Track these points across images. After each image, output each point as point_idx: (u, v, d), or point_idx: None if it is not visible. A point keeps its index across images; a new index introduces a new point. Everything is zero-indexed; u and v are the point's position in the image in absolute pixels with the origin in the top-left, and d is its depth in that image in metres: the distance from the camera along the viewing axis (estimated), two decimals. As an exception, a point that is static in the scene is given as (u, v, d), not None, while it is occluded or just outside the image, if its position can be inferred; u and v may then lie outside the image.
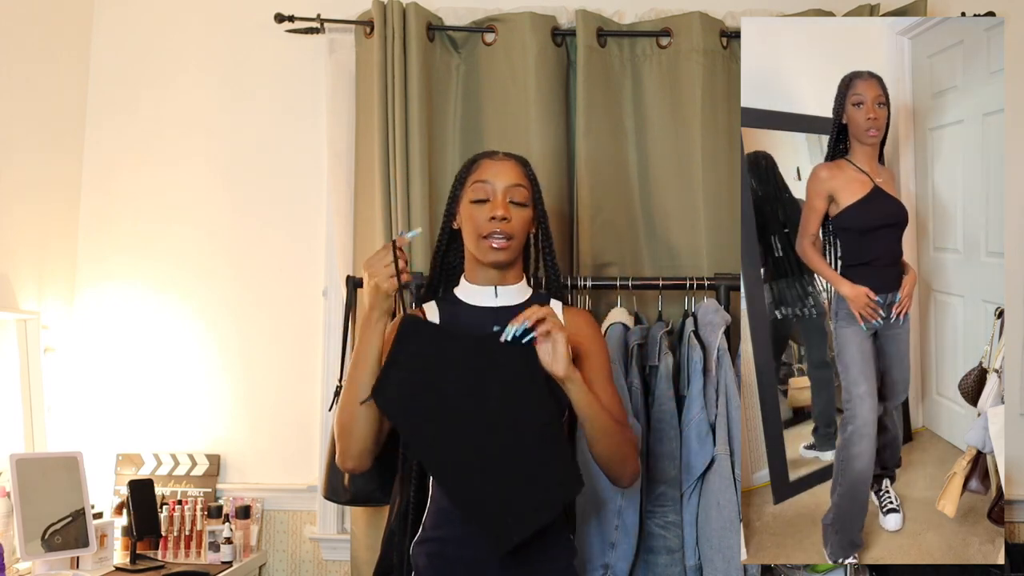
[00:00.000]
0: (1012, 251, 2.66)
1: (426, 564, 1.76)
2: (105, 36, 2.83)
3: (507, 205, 1.78)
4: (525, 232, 1.82)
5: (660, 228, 2.66)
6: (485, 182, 1.80)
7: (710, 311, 2.34)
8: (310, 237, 2.79)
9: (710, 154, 2.62)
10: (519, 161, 1.86)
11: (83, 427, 2.70)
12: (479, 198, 1.79)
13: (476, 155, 1.88)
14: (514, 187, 1.79)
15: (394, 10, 2.59)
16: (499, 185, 1.79)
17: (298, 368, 2.76)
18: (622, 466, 1.76)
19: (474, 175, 1.82)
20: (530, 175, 1.86)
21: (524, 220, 1.80)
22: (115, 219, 2.80)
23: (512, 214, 1.78)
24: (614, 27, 2.70)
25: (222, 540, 2.52)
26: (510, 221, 1.77)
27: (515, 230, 1.78)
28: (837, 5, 2.71)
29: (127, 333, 2.77)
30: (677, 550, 2.24)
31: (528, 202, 1.82)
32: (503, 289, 1.83)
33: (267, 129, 2.81)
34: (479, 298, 1.83)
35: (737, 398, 2.27)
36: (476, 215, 1.78)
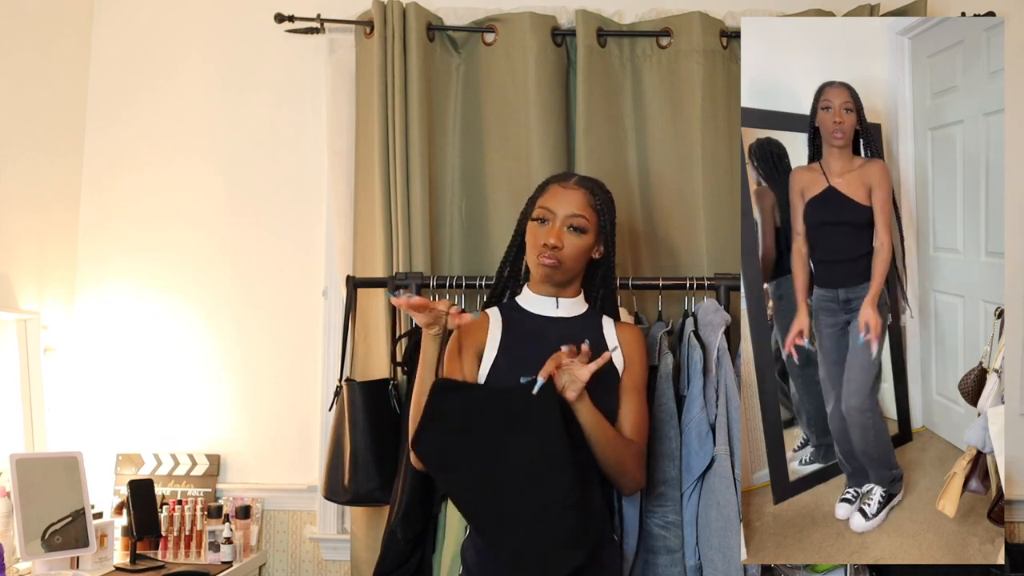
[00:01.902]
0: (1012, 251, 2.66)
1: (475, 561, 1.85)
2: (105, 36, 2.83)
3: (562, 233, 1.88)
4: (580, 258, 1.92)
5: (660, 228, 2.66)
6: (548, 208, 1.90)
7: (710, 311, 2.34)
8: (310, 237, 2.79)
9: (710, 154, 2.62)
10: (589, 189, 1.94)
11: (83, 427, 2.71)
12: (540, 217, 1.90)
13: (550, 177, 2.00)
14: (573, 216, 1.89)
15: (394, 10, 2.59)
16: (559, 213, 1.89)
17: (298, 368, 2.76)
18: (622, 477, 1.87)
19: (542, 199, 1.93)
20: (598, 204, 1.93)
21: (579, 248, 1.90)
22: (115, 219, 2.80)
23: (566, 242, 1.88)
24: (614, 27, 2.70)
25: (222, 540, 2.52)
26: (562, 249, 1.87)
27: (566, 257, 1.88)
28: (837, 5, 2.71)
29: (127, 333, 2.77)
30: (677, 550, 2.24)
31: (588, 229, 1.90)
32: (563, 301, 1.94)
33: (267, 129, 2.81)
34: (540, 307, 1.95)
35: (737, 398, 2.27)
36: (535, 234, 1.90)
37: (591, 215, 1.90)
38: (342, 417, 2.42)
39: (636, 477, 1.89)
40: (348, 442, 2.38)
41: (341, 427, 2.42)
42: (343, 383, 2.45)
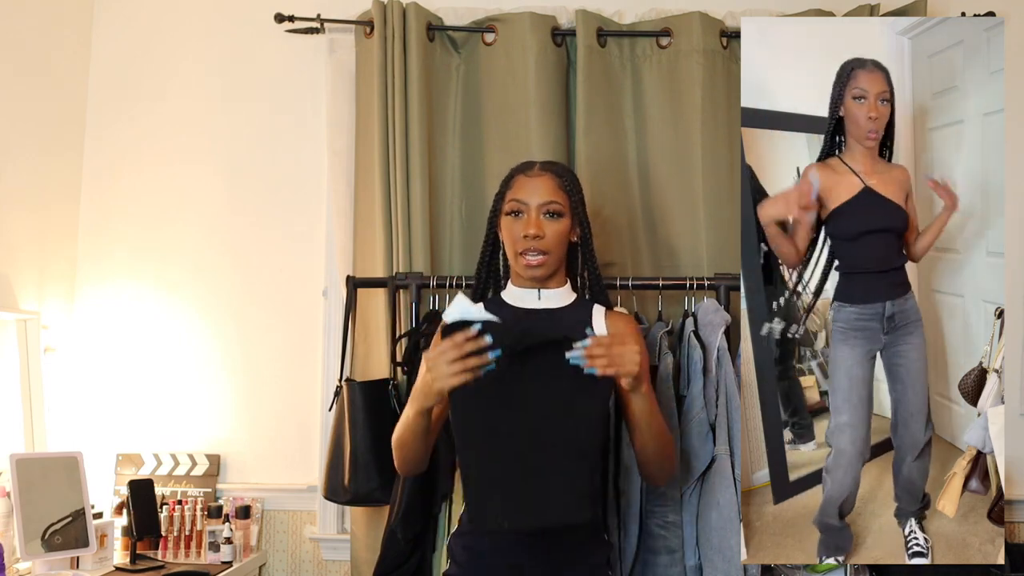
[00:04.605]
0: (1012, 251, 2.66)
1: (464, 557, 1.83)
2: (105, 36, 2.83)
3: (540, 221, 1.84)
4: (561, 243, 1.88)
5: (660, 228, 2.66)
6: (520, 200, 1.87)
7: (710, 311, 2.34)
8: (310, 237, 2.79)
9: (710, 154, 2.62)
10: (555, 173, 1.91)
11: (83, 427, 2.70)
12: (513, 210, 1.87)
13: (514, 169, 1.94)
14: (548, 203, 1.86)
15: (394, 10, 2.59)
16: (532, 203, 1.86)
17: (298, 368, 2.76)
18: (661, 469, 1.85)
19: (510, 192, 1.89)
20: (567, 186, 1.90)
21: (559, 233, 1.86)
22: (115, 219, 2.80)
23: (546, 229, 1.84)
24: (614, 27, 2.70)
25: (222, 540, 2.52)
26: (543, 238, 1.84)
27: (549, 245, 1.85)
28: (837, 5, 2.71)
29: (127, 333, 2.77)
30: (677, 550, 2.24)
31: (564, 212, 1.87)
32: (546, 292, 1.90)
33: (267, 129, 2.81)
34: (524, 300, 1.90)
35: (737, 398, 2.27)
36: (511, 228, 1.87)
37: (563, 198, 1.88)
38: (342, 417, 2.42)
39: (674, 466, 1.92)
40: (348, 442, 2.38)
41: (341, 427, 2.42)
42: (343, 383, 2.45)
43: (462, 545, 1.85)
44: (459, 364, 1.61)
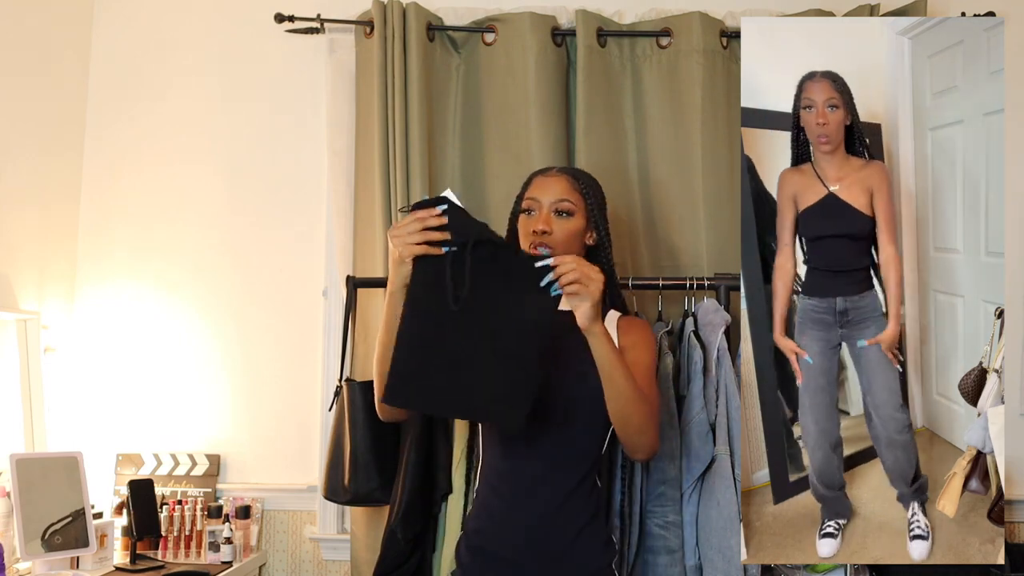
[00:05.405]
0: (1012, 251, 2.66)
1: (469, 559, 1.85)
2: (105, 36, 2.83)
3: (549, 218, 1.86)
4: (571, 242, 1.88)
5: (660, 228, 2.66)
6: (533, 198, 1.90)
7: (710, 311, 2.34)
8: (310, 237, 2.79)
9: (710, 154, 2.62)
10: (571, 175, 1.94)
11: (83, 427, 2.70)
12: (527, 208, 1.91)
13: (533, 172, 1.99)
14: (559, 201, 1.88)
15: (394, 10, 2.59)
16: (545, 200, 1.89)
17: (298, 368, 2.76)
18: (638, 435, 1.76)
19: (527, 192, 1.93)
20: (582, 188, 1.92)
21: (568, 231, 1.88)
22: (115, 219, 2.80)
23: (555, 226, 1.86)
24: (614, 27, 2.70)
25: (222, 540, 2.52)
26: (551, 234, 1.85)
27: (557, 242, 1.85)
28: (837, 5, 2.71)
29: (127, 333, 2.77)
30: (677, 550, 2.24)
31: (576, 211, 1.89)
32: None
33: (267, 129, 2.81)
34: None
35: (737, 398, 2.27)
36: (525, 226, 1.89)
37: (576, 197, 1.90)
38: (342, 417, 2.42)
39: (652, 437, 1.77)
40: (348, 442, 2.38)
41: (341, 427, 2.42)
42: (343, 383, 2.45)
43: (466, 546, 1.88)
44: (420, 235, 1.66)
